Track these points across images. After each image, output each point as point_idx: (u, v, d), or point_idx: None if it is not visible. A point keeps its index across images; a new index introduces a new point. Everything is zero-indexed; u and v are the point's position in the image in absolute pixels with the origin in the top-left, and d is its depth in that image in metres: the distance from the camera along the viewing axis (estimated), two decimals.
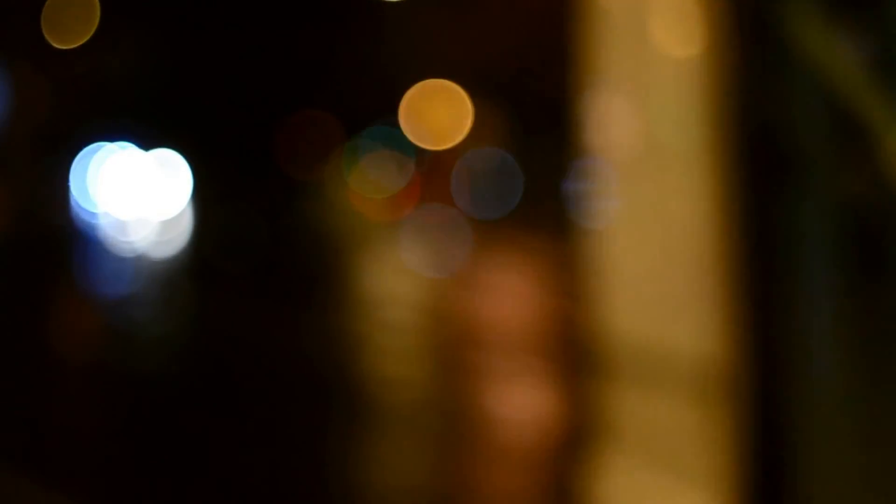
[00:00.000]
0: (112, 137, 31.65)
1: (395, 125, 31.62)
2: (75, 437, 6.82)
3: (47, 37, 33.23)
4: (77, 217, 27.44)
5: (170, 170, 31.02)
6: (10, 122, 32.37)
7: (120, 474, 6.01)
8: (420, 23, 26.41)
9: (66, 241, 22.28)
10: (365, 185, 26.86)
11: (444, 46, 17.54)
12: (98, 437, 6.90)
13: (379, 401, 8.26)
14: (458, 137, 26.05)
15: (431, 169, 25.42)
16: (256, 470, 6.07)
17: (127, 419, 7.33)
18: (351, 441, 6.81)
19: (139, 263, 18.17)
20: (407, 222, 22.19)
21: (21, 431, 6.85)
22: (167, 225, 26.64)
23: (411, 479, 6.17)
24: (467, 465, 6.45)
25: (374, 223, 22.82)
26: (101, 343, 10.69)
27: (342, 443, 6.75)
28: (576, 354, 10.16)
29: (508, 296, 13.67)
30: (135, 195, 29.40)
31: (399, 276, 15.89)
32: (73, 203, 29.26)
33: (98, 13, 33.91)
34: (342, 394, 8.19)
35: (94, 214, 27.79)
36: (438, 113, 27.22)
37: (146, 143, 31.54)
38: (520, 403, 8.18)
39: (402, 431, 7.22)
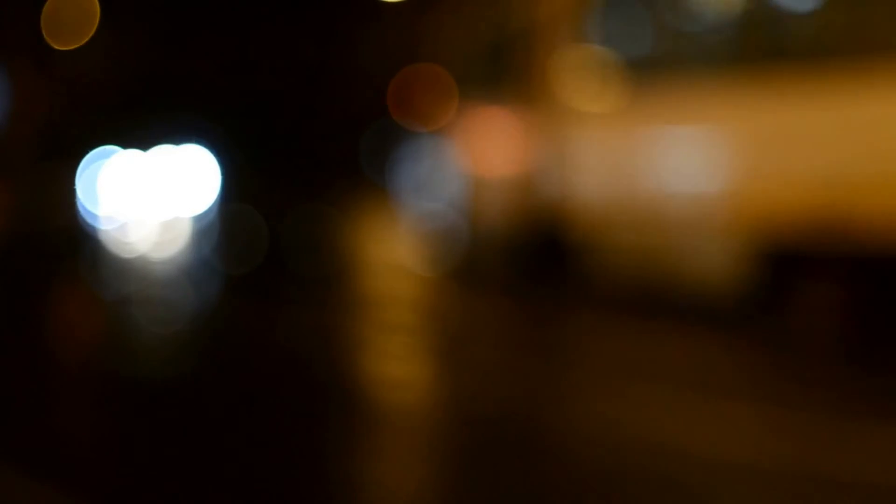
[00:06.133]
0: (114, 139, 31.68)
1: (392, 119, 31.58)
2: (77, 439, 6.85)
3: (47, 38, 33.25)
4: (81, 218, 27.48)
5: (171, 171, 31.04)
6: (12, 124, 32.40)
7: (119, 474, 6.05)
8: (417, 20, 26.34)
9: (70, 242, 22.31)
10: None
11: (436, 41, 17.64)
12: (100, 437, 6.93)
13: (379, 401, 8.28)
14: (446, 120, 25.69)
15: None
16: (256, 470, 6.10)
17: (128, 420, 7.36)
18: (351, 441, 6.83)
19: (141, 264, 18.21)
20: None
21: (23, 432, 6.88)
22: (168, 226, 26.66)
23: (409, 479, 6.20)
24: (467, 465, 6.48)
25: None
26: (104, 344, 10.72)
27: (343, 443, 6.77)
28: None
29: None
30: (136, 197, 29.43)
31: (398, 276, 15.90)
32: (77, 204, 29.30)
33: (98, 14, 33.91)
34: (341, 394, 8.22)
35: (96, 216, 27.84)
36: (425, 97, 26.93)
37: (146, 145, 31.56)
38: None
39: (401, 431, 7.24)
